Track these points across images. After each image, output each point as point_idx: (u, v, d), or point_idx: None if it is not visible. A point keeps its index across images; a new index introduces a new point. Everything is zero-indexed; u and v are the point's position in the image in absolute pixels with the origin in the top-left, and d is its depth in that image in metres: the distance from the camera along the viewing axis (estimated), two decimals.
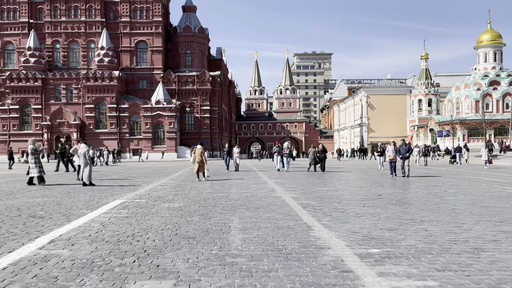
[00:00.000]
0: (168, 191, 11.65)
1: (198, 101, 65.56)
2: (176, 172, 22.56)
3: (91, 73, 60.61)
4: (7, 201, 9.56)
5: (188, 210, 8.07)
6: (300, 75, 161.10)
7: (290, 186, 13.07)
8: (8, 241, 5.40)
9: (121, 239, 5.56)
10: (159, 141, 61.25)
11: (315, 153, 21.35)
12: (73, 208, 8.26)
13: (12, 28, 65.26)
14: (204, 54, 69.62)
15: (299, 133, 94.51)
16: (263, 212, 7.92)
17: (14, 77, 60.92)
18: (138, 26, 65.08)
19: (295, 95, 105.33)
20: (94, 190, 11.95)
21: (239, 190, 11.85)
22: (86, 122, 61.47)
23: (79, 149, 13.23)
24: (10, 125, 61.56)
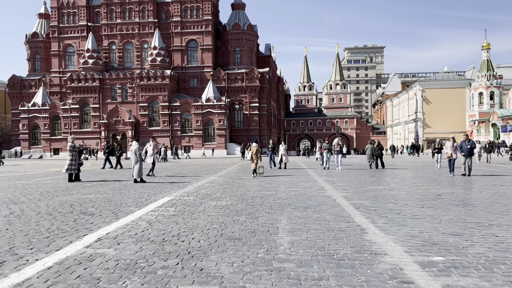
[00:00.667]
0: (216, 189, 11.57)
1: (247, 98, 65.82)
2: (225, 169, 22.61)
3: (144, 72, 62.61)
4: (62, 197, 9.87)
5: (235, 209, 7.88)
6: (350, 69, 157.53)
7: (341, 185, 12.55)
8: (57, 238, 5.44)
9: (166, 238, 5.43)
10: (209, 138, 62.18)
11: (372, 150, 20.88)
12: (122, 205, 8.34)
13: (72, 32, 68.83)
14: (252, 51, 69.74)
15: (350, 129, 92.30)
16: (312, 212, 7.55)
17: (74, 78, 64.25)
18: (189, 26, 66.35)
19: (345, 90, 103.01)
20: (144, 187, 12.13)
21: (287, 188, 11.53)
22: (140, 120, 63.62)
23: (131, 146, 13.50)
24: (71, 123, 65.03)
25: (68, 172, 14.15)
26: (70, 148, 14.32)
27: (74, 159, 14.30)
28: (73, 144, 14.48)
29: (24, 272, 4.00)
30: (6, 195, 10.22)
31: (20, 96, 71.37)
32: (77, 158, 14.49)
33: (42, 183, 13.92)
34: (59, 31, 68.88)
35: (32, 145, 66.71)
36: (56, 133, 65.98)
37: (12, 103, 73.97)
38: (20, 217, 7.05)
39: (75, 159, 14.35)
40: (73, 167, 14.23)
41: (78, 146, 15.10)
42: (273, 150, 22.00)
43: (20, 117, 67.12)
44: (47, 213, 7.40)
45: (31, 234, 5.71)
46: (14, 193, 10.68)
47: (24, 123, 66.31)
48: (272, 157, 22.00)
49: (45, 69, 71.75)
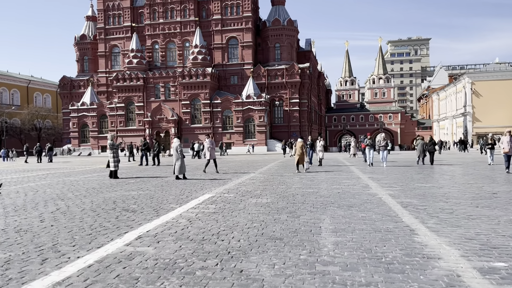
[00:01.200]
0: (257, 186, 11.42)
1: (287, 94, 65.37)
2: (265, 165, 22.46)
3: (186, 70, 63.64)
4: (106, 193, 10.07)
5: (275, 207, 7.68)
6: (394, 63, 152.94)
7: (386, 182, 12.04)
8: (99, 235, 5.47)
9: (206, 237, 5.32)
10: (250, 135, 62.34)
11: (424, 145, 20.50)
12: (163, 202, 8.36)
13: (118, 33, 71.09)
14: (293, 47, 69.12)
15: (393, 125, 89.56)
16: (357, 211, 7.22)
17: (119, 78, 66.37)
18: (229, 23, 66.71)
19: (389, 85, 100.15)
20: (186, 183, 12.18)
21: (329, 186, 11.18)
22: (183, 117, 64.80)
23: (173, 143, 13.61)
24: (117, 121, 67.30)
25: (115, 169, 14.48)
26: (110, 146, 14.65)
27: (116, 156, 14.60)
28: (112, 142, 14.79)
29: (65, 270, 3.99)
30: (55, 191, 10.56)
31: (70, 96, 74.70)
32: (118, 155, 14.79)
33: (89, 180, 14.35)
34: (105, 33, 71.34)
35: (81, 143, 69.70)
36: (104, 131, 68.48)
37: (63, 103, 77.60)
38: (66, 213, 7.20)
39: (117, 156, 14.64)
40: (116, 163, 14.55)
41: (117, 144, 15.36)
42: (312, 147, 20.83)
43: (70, 116, 70.28)
44: (91, 210, 7.52)
45: (75, 230, 5.78)
46: (62, 190, 11.04)
47: (74, 121, 69.36)
48: (311, 154, 20.91)
49: (92, 69, 74.66)
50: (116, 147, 14.81)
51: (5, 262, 4.22)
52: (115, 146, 14.74)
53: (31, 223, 6.33)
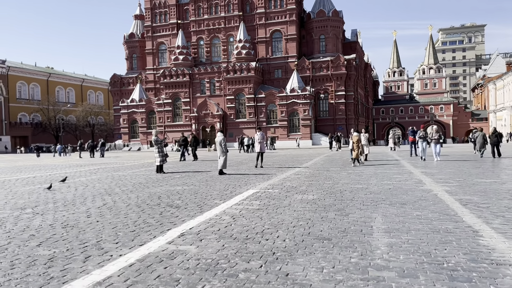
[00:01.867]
0: (302, 181, 11.08)
1: (332, 87, 64.08)
2: (310, 160, 22.01)
3: (230, 65, 63.97)
4: (152, 188, 10.13)
5: (322, 204, 7.33)
6: (446, 52, 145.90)
7: (441, 177, 11.30)
8: (142, 232, 5.39)
9: (250, 236, 5.09)
10: (294, 129, 61.77)
11: (484, 137, 19.98)
12: (207, 198, 8.24)
13: (164, 30, 72.68)
14: (338, 38, 67.56)
15: (445, 116, 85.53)
16: (411, 209, 6.72)
17: (166, 74, 67.86)
18: (273, 16, 66.23)
19: (440, 75, 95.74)
20: (230, 178, 12.06)
21: (379, 181, 10.64)
22: (228, 112, 65.29)
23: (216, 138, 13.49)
24: (164, 117, 68.99)
25: (161, 163, 14.68)
26: (154, 142, 14.84)
27: (161, 151, 14.76)
28: (156, 138, 14.96)
29: (107, 269, 3.90)
30: (103, 186, 10.78)
31: (120, 93, 77.46)
32: (163, 150, 14.95)
33: (136, 174, 14.62)
34: (153, 30, 73.14)
35: (131, 138, 72.15)
36: (152, 127, 70.47)
37: (113, 100, 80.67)
38: (112, 208, 7.25)
39: (162, 151, 14.80)
40: (162, 158, 14.73)
41: (162, 139, 15.51)
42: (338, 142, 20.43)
43: (120, 113, 72.91)
44: (136, 205, 7.53)
45: (119, 227, 5.75)
46: (110, 184, 11.26)
47: (124, 118, 71.84)
48: None
49: (141, 67, 76.91)
50: (161, 143, 14.98)
51: (48, 260, 4.20)
52: (159, 142, 14.91)
53: (78, 218, 6.39)
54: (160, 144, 14.85)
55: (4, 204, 8.04)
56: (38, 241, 4.98)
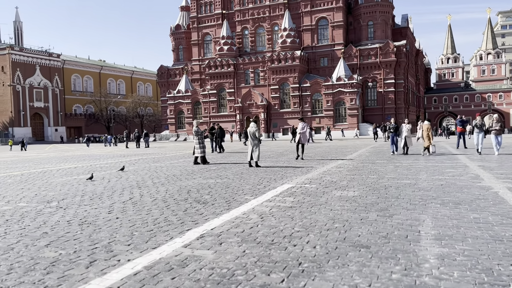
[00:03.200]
0: (343, 175, 10.29)
1: (381, 75, 61.58)
2: (355, 151, 20.97)
3: (275, 55, 63.10)
4: (185, 181, 9.77)
5: (363, 202, 6.58)
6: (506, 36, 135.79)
7: (502, 172, 10.10)
8: (159, 232, 4.94)
9: (276, 240, 4.49)
10: (340, 119, 60.13)
11: None
12: (238, 193, 7.71)
13: (209, 21, 72.92)
14: (387, 24, 64.65)
15: (505, 105, 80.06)
16: (466, 210, 5.83)
17: (211, 65, 68.18)
18: (319, 3, 64.45)
19: (499, 60, 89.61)
20: (266, 171, 11.47)
21: (430, 176, 9.64)
22: (272, 102, 64.66)
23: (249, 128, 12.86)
24: (210, 108, 69.53)
25: (202, 155, 14.39)
26: (195, 133, 14.55)
27: (201, 142, 14.46)
28: (196, 129, 14.67)
29: (108, 277, 3.46)
30: (136, 178, 10.57)
31: (167, 84, 78.93)
32: (203, 141, 14.65)
33: (173, 166, 14.41)
34: (198, 21, 73.61)
35: (178, 129, 73.45)
36: (198, 117, 71.25)
37: (161, 91, 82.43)
38: (136, 203, 6.90)
39: (202, 142, 14.50)
40: (203, 149, 14.43)
41: (202, 131, 15.22)
42: (395, 131, 17.62)
43: (167, 104, 74.33)
44: (162, 200, 7.15)
45: (137, 225, 5.34)
46: (144, 176, 11.04)
47: (171, 108, 73.17)
48: (395, 140, 17.70)
49: (187, 58, 77.84)
50: (201, 134, 14.68)
51: (50, 264, 3.83)
52: (200, 133, 14.61)
53: (98, 214, 6.08)
54: (200, 135, 14.56)
55: (34, 196, 7.95)
56: (49, 240, 4.66)
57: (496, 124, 14.97)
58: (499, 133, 15.14)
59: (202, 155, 14.40)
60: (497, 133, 15.09)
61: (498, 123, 14.94)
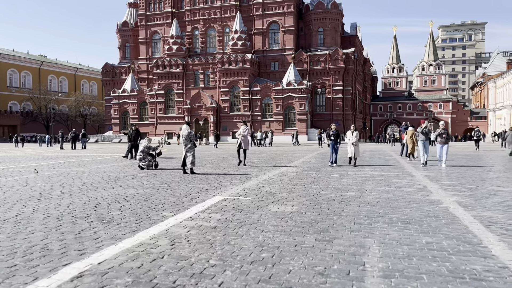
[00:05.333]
0: (284, 185, 9.33)
1: (330, 81, 62.21)
2: (302, 157, 20.25)
3: (225, 57, 61.92)
4: (99, 191, 8.35)
5: (301, 220, 5.59)
6: (445, 49, 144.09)
7: (449, 183, 9.58)
8: (22, 270, 3.60)
9: (179, 282, 3.34)
10: (290, 124, 59.96)
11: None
12: (156, 208, 6.46)
13: (158, 19, 70.42)
14: (337, 31, 65.57)
15: (444, 114, 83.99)
16: (418, 232, 5.00)
17: (159, 64, 65.76)
18: (270, 7, 64.12)
19: (439, 72, 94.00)
20: (200, 180, 10.26)
21: (376, 187, 8.91)
22: (222, 105, 63.36)
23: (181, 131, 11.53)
24: (157, 109, 66.97)
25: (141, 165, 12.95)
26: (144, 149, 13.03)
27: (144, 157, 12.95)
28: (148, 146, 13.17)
29: None
30: (43, 187, 8.99)
31: (112, 83, 75.33)
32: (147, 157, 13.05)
33: (98, 171, 12.79)
34: (146, 19, 70.91)
35: (122, 130, 70.13)
36: (144, 118, 68.52)
37: (105, 90, 78.57)
38: (20, 222, 5.47)
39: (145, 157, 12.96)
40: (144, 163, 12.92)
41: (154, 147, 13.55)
42: (336, 139, 14.52)
43: (111, 103, 70.84)
44: (57, 218, 5.76)
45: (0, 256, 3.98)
46: (54, 184, 9.46)
47: (115, 108, 69.80)
48: (335, 149, 14.54)
49: (134, 56, 74.74)
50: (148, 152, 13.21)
51: None
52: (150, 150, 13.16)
53: None
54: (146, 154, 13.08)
55: None
56: None
57: (444, 132, 14.14)
58: (446, 142, 14.14)
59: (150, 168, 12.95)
60: (443, 143, 14.11)
61: (445, 130, 14.15)
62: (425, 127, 14.92)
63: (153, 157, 13.14)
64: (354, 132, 14.71)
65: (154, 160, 13.15)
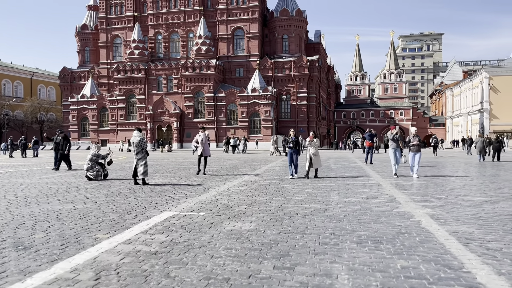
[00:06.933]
0: (244, 197, 8.56)
1: (294, 88, 62.27)
2: (265, 165, 19.58)
3: (189, 62, 60.77)
4: (31, 207, 7.26)
5: (259, 241, 4.84)
6: (406, 58, 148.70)
7: (417, 193, 9.12)
8: None
9: None
10: (255, 130, 59.44)
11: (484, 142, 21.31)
12: (91, 228, 5.53)
13: (119, 23, 68.42)
14: (301, 38, 65.90)
15: (405, 121, 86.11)
16: (390, 254, 4.36)
17: (120, 69, 63.72)
18: (235, 13, 63.65)
19: (400, 80, 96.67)
20: (152, 192, 9.31)
21: (342, 198, 8.31)
22: (185, 111, 62.05)
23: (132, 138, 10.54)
24: (117, 115, 64.77)
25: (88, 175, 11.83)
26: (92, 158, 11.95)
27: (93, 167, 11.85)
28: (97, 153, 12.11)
29: None
30: None
31: (70, 88, 72.39)
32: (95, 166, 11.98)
33: (39, 183, 11.54)
34: (107, 23, 68.77)
35: (81, 137, 67.39)
36: (104, 125, 66.11)
37: (63, 95, 75.39)
38: None
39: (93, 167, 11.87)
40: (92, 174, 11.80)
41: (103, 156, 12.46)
42: (296, 147, 12.69)
43: (70, 109, 67.95)
44: None
45: None
46: None
47: (74, 114, 67.03)
48: (294, 159, 12.70)
49: (94, 60, 72.20)
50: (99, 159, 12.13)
51: None
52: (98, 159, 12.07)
53: None
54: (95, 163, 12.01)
55: None
56: None
57: (414, 139, 12.81)
58: (419, 150, 12.85)
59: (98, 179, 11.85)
60: (416, 150, 12.77)
61: (417, 137, 12.84)
62: (396, 133, 13.43)
63: (102, 167, 12.05)
64: (314, 139, 12.79)
65: (103, 170, 12.07)
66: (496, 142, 21.95)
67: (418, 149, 12.78)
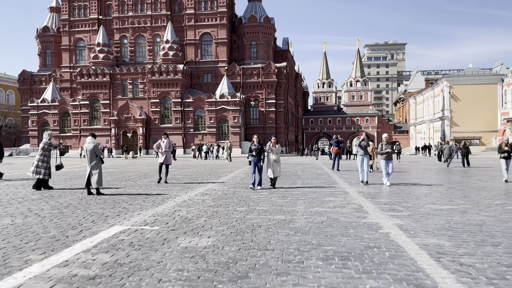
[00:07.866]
0: (205, 207, 8.03)
1: (263, 94, 62.18)
2: (232, 172, 19.08)
3: (156, 67, 59.55)
4: None
5: (216, 261, 4.35)
6: (371, 67, 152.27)
7: (385, 201, 8.87)
8: None
9: None
10: (223, 136, 58.76)
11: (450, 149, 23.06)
12: (24, 248, 4.86)
13: (83, 25, 66.37)
14: (269, 45, 66.02)
15: (371, 128, 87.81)
16: (359, 273, 3.97)
17: (84, 73, 61.67)
18: (203, 18, 63.05)
19: (366, 88, 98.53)
20: (105, 202, 8.60)
21: (308, 208, 7.93)
22: (152, 117, 60.68)
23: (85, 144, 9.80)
24: (80, 120, 62.54)
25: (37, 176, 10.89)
26: (44, 146, 11.10)
27: (46, 161, 11.07)
28: (49, 142, 11.28)
29: None
30: None
31: (30, 92, 69.51)
32: (49, 160, 11.24)
33: None
34: (70, 25, 66.56)
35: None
36: (66, 130, 63.69)
37: (22, 99, 72.28)
38: None
39: (48, 162, 11.10)
40: (43, 170, 10.95)
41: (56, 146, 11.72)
42: (259, 154, 11.59)
43: (29, 114, 65.07)
44: None
45: None
46: None
47: (33, 119, 64.20)
48: (258, 167, 11.58)
49: (56, 64, 69.64)
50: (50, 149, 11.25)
51: None
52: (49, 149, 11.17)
53: None
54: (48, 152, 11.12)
55: None
56: None
57: (387, 146, 12.36)
58: (390, 157, 12.49)
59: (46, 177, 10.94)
60: (388, 158, 12.35)
61: (389, 145, 12.44)
62: (363, 139, 13.06)
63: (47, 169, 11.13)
64: (276, 144, 11.87)
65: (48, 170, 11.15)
66: (464, 148, 22.93)
67: (390, 157, 12.49)
